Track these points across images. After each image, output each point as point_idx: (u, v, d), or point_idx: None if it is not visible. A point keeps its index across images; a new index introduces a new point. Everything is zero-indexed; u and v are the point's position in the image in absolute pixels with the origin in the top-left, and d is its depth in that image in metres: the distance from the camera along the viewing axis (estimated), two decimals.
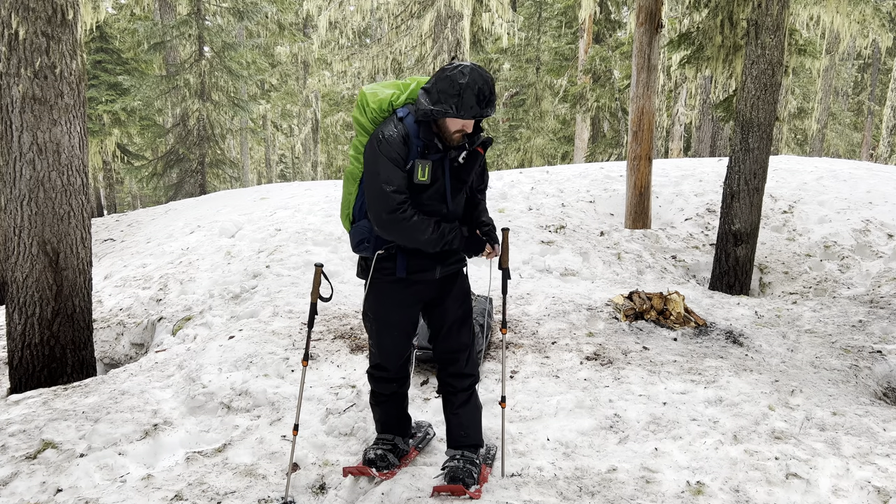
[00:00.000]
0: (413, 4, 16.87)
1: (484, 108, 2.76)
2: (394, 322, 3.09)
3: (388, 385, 3.24)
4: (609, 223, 8.57)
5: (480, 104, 2.74)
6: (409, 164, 2.84)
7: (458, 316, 3.15)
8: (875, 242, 7.58)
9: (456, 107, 2.72)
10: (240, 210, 9.47)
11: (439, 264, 3.03)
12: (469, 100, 2.71)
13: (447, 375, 3.20)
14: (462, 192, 3.04)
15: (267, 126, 28.84)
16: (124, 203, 34.69)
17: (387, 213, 2.81)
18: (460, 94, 2.70)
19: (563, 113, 24.01)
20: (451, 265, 3.08)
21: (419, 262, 2.98)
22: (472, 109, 2.73)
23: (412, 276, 2.98)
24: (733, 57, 8.70)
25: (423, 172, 2.83)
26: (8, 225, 4.60)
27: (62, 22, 4.47)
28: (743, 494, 3.05)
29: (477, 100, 2.73)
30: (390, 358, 3.16)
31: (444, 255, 3.03)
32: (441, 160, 2.91)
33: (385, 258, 2.97)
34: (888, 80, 24.68)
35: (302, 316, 5.45)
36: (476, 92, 2.72)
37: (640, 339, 5.18)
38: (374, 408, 3.34)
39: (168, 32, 16.54)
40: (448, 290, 3.12)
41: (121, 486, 3.10)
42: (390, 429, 3.33)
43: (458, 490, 2.97)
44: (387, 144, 2.82)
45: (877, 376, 4.73)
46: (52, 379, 4.68)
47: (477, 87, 2.71)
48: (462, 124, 2.82)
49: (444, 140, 2.86)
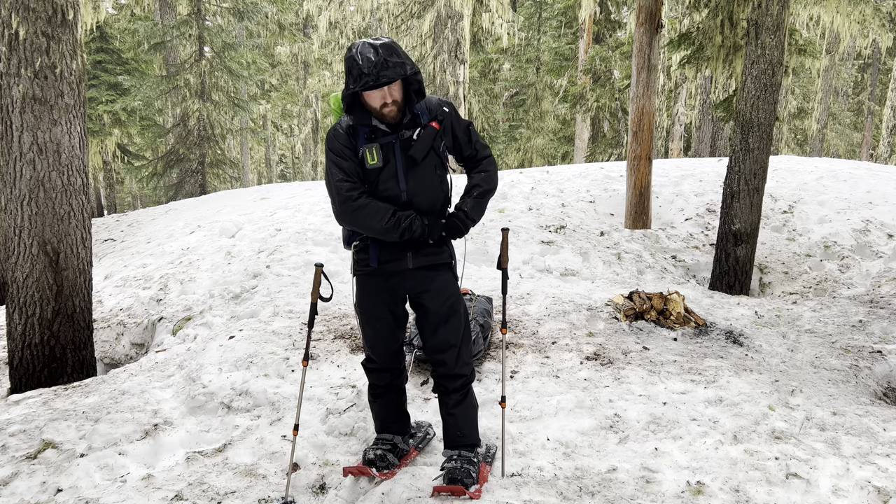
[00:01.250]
0: (413, 4, 16.87)
1: (374, 74, 2.64)
2: (375, 315, 3.08)
3: (382, 375, 3.22)
4: (609, 223, 8.57)
5: (372, 70, 2.64)
6: (361, 151, 2.86)
7: (442, 313, 3.06)
8: (875, 242, 7.58)
9: (354, 80, 2.68)
10: (240, 210, 9.47)
11: (409, 251, 2.96)
12: (356, 69, 2.66)
13: (438, 376, 3.17)
14: (419, 171, 2.93)
15: (267, 126, 28.85)
16: (124, 203, 34.70)
17: (339, 203, 2.87)
18: (350, 68, 2.68)
19: (563, 113, 24.00)
20: (427, 256, 3.00)
21: (389, 251, 2.95)
22: (364, 78, 2.65)
23: (384, 266, 2.97)
24: (733, 57, 8.70)
25: (372, 156, 2.84)
26: (8, 225, 4.61)
27: (62, 22, 4.47)
28: (743, 494, 3.05)
29: (366, 66, 2.65)
30: (376, 350, 3.16)
31: (414, 244, 2.97)
32: (392, 142, 2.87)
33: (361, 249, 3.01)
34: (888, 80, 24.68)
35: (302, 316, 5.45)
36: (362, 59, 2.65)
37: (641, 339, 5.18)
38: (373, 404, 3.32)
39: (168, 32, 16.54)
40: (428, 285, 3.04)
41: (121, 486, 3.10)
42: (389, 427, 3.31)
43: (458, 490, 2.96)
44: (332, 138, 2.88)
45: (877, 376, 4.73)
46: (52, 379, 4.68)
47: (363, 56, 2.66)
48: (380, 97, 2.76)
49: (382, 120, 2.83)
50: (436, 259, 3.03)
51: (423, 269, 3.01)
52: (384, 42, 2.71)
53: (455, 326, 3.10)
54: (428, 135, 2.89)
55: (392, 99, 2.78)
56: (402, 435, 3.36)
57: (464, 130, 3.05)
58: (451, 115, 3.01)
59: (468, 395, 3.19)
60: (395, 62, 2.69)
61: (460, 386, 3.15)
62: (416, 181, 2.93)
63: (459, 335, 3.12)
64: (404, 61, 2.73)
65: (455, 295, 3.11)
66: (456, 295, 3.12)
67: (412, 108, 2.89)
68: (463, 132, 3.04)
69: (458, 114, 3.09)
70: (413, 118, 2.91)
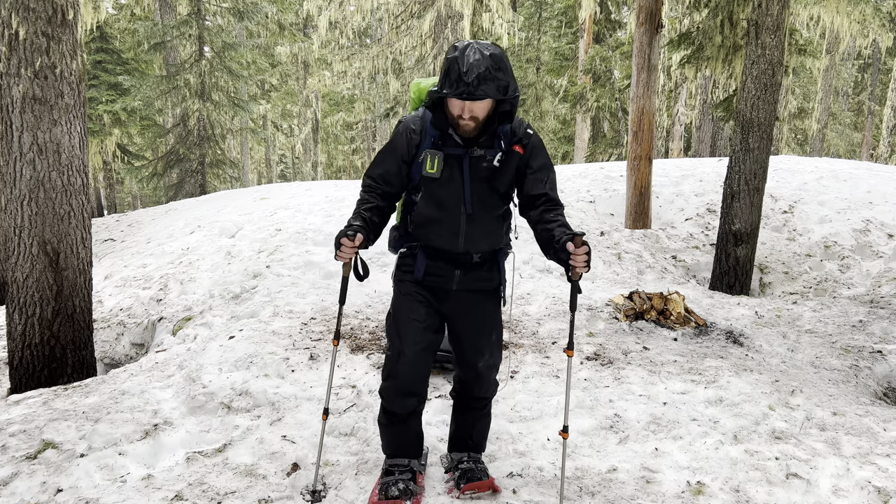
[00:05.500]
0: (413, 4, 16.87)
1: (474, 85, 2.36)
2: (409, 316, 2.81)
3: (406, 402, 2.86)
4: (609, 223, 8.57)
5: (466, 77, 2.36)
6: (423, 155, 2.63)
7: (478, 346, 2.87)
8: (875, 242, 7.58)
9: (450, 84, 2.41)
10: (240, 210, 9.47)
11: (459, 269, 2.77)
12: (455, 73, 2.38)
13: (460, 392, 3.07)
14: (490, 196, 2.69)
15: (267, 126, 28.85)
16: (124, 203, 34.69)
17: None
18: (450, 69, 2.41)
19: (563, 113, 24.01)
20: (476, 280, 2.81)
21: (438, 266, 2.79)
22: (462, 86, 2.38)
23: (428, 280, 2.81)
24: (733, 57, 8.70)
25: (431, 164, 2.60)
26: (8, 225, 4.60)
27: (62, 22, 4.47)
28: (743, 494, 3.05)
29: (469, 74, 2.35)
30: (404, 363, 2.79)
31: (463, 263, 2.78)
32: (461, 156, 2.64)
33: (407, 255, 2.86)
34: (888, 80, 24.67)
35: (302, 316, 5.45)
36: (463, 64, 2.37)
37: (641, 339, 5.17)
38: (387, 429, 2.97)
39: (168, 32, 16.54)
40: (469, 311, 2.83)
41: (121, 487, 3.10)
42: (406, 451, 3.02)
43: (484, 486, 2.94)
44: (396, 131, 2.71)
45: (877, 376, 4.73)
46: (52, 379, 4.68)
47: (469, 62, 2.37)
48: (461, 107, 2.50)
49: (456, 130, 2.59)
50: (483, 284, 2.83)
51: (468, 293, 2.82)
52: (494, 52, 2.44)
53: (489, 362, 2.93)
54: (510, 161, 2.65)
55: (472, 114, 2.52)
56: (418, 458, 3.09)
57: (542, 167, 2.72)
58: (534, 143, 2.71)
59: (487, 410, 3.12)
60: (500, 79, 2.43)
61: (482, 406, 3.08)
62: (480, 205, 2.69)
63: (491, 366, 2.96)
64: (509, 80, 2.47)
65: (494, 326, 2.91)
66: (495, 326, 2.91)
67: (493, 128, 2.61)
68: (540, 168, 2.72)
69: (543, 145, 2.77)
70: (491, 138, 2.64)
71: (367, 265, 2.83)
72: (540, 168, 2.72)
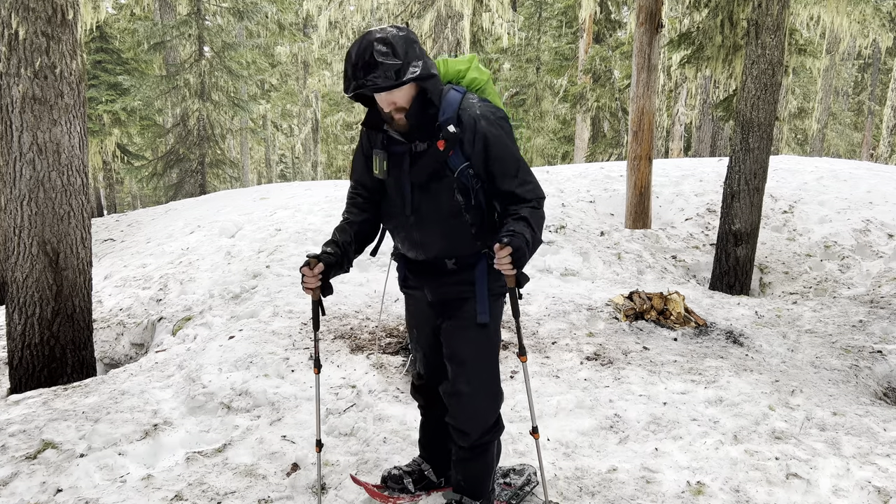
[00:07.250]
0: (413, 4, 16.86)
1: (361, 76, 2.14)
2: (412, 323, 2.82)
3: (417, 395, 2.89)
4: (609, 223, 8.57)
5: (356, 71, 2.15)
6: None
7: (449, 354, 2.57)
8: (875, 242, 7.58)
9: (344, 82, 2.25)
10: (240, 210, 9.47)
11: (426, 284, 2.58)
12: (346, 67, 2.20)
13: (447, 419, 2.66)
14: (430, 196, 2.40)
15: (267, 126, 28.85)
16: (124, 203, 34.69)
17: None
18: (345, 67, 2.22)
19: (563, 113, 24.01)
20: (447, 287, 2.54)
21: (410, 274, 2.66)
22: (350, 81, 2.19)
23: (407, 290, 2.74)
24: (733, 57, 8.71)
25: (376, 165, 2.42)
26: (8, 225, 4.60)
27: (62, 22, 4.46)
28: (743, 494, 3.05)
29: (353, 67, 2.16)
30: (420, 363, 2.83)
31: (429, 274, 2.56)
32: (404, 153, 2.40)
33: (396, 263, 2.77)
34: (888, 80, 24.67)
35: (302, 316, 5.45)
36: (352, 55, 2.17)
37: (641, 339, 5.17)
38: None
39: (168, 32, 16.54)
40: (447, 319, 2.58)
41: (121, 487, 3.10)
42: (422, 448, 3.04)
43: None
44: (361, 130, 2.55)
45: (877, 376, 4.73)
46: (52, 379, 4.68)
47: (354, 52, 2.16)
48: (385, 100, 2.25)
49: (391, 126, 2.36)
50: (454, 294, 2.54)
51: (442, 305, 2.60)
52: (387, 35, 2.16)
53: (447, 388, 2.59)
54: (432, 154, 2.34)
55: (395, 105, 2.26)
56: (433, 466, 3.03)
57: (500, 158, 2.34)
58: (481, 132, 2.32)
59: (476, 456, 2.62)
60: (390, 64, 2.12)
61: (469, 446, 2.59)
62: (428, 206, 2.42)
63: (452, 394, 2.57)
64: (405, 63, 2.15)
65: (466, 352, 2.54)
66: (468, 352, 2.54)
67: (424, 117, 2.31)
68: (496, 159, 2.34)
69: (504, 133, 2.37)
70: (430, 128, 2.34)
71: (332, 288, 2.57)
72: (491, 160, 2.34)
